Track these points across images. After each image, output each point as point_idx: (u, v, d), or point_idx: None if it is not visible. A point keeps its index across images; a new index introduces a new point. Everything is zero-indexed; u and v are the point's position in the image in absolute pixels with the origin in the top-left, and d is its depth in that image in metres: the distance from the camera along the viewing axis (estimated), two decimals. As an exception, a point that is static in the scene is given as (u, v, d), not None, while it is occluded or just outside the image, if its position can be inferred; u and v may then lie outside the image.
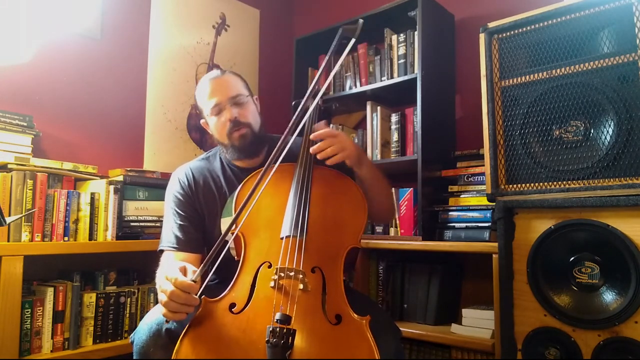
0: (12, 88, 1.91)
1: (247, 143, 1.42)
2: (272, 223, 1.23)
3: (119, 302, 1.85)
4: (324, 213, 1.26)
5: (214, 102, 1.41)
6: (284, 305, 1.05)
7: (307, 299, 1.08)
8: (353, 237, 1.24)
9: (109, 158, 2.17)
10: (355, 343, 1.03)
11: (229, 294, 1.10)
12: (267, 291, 1.09)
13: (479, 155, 1.97)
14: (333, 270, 1.16)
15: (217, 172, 1.49)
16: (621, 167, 1.31)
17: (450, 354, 1.86)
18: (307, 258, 1.15)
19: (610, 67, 1.34)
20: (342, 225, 1.26)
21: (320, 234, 1.21)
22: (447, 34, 2.32)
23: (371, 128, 2.35)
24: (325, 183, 1.32)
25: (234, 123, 1.40)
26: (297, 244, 1.16)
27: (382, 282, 2.13)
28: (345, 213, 1.28)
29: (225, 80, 1.44)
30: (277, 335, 0.98)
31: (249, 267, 1.16)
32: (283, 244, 1.17)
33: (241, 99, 1.43)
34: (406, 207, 2.14)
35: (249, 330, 1.03)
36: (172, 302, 1.01)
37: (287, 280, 1.10)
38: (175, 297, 1.00)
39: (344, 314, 1.08)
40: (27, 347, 1.60)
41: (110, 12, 2.22)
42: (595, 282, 1.33)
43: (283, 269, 1.11)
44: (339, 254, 1.19)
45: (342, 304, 1.10)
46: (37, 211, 1.65)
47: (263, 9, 2.92)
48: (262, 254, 1.18)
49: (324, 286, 1.12)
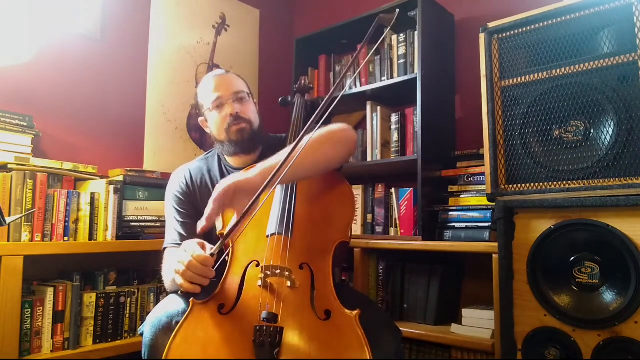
0: (12, 88, 1.91)
1: (245, 138, 1.44)
2: (258, 222, 1.23)
3: (119, 302, 1.85)
4: (311, 209, 1.26)
5: (217, 95, 1.44)
6: (271, 303, 1.05)
7: (295, 296, 1.08)
8: (341, 232, 1.24)
9: (109, 158, 2.17)
10: (345, 337, 1.02)
11: (218, 295, 1.10)
12: (255, 290, 1.09)
13: (479, 155, 1.97)
14: (321, 266, 1.15)
15: (215, 173, 1.51)
16: (621, 167, 1.31)
17: (450, 354, 1.86)
18: (295, 255, 1.14)
19: (610, 67, 1.34)
20: (329, 220, 1.26)
21: (307, 230, 1.21)
22: (447, 34, 2.32)
23: (371, 128, 2.35)
24: (310, 179, 1.32)
25: (234, 117, 1.43)
26: (283, 242, 1.16)
27: (382, 282, 2.13)
28: (332, 208, 1.29)
29: (229, 77, 1.49)
30: (264, 334, 0.98)
31: (237, 267, 1.16)
32: (268, 242, 1.17)
33: (243, 96, 1.47)
34: (406, 207, 2.14)
35: (237, 330, 1.03)
36: (189, 272, 1.03)
37: (274, 278, 1.09)
38: (192, 268, 1.03)
39: (333, 309, 1.07)
40: (27, 347, 1.60)
41: (110, 13, 2.22)
42: (595, 282, 1.33)
43: (269, 266, 1.10)
44: (327, 249, 1.19)
45: (331, 300, 1.09)
46: (37, 211, 1.66)
47: (263, 9, 2.92)
48: (250, 254, 1.18)
49: (312, 282, 1.12)
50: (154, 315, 1.21)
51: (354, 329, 1.03)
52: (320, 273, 1.14)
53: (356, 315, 1.05)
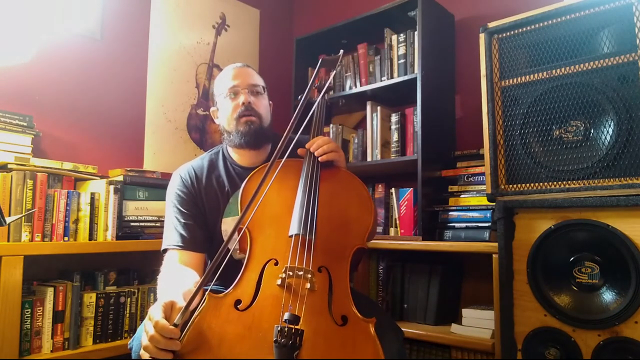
0: (12, 88, 1.91)
1: (252, 131, 1.43)
2: (278, 219, 1.21)
3: (119, 302, 1.85)
4: (332, 212, 1.25)
5: (234, 83, 1.45)
6: (293, 304, 1.04)
7: (314, 299, 1.07)
8: (360, 238, 1.23)
9: (109, 158, 2.17)
10: (361, 345, 1.02)
11: (234, 290, 1.08)
12: (274, 289, 1.07)
13: (479, 155, 1.97)
14: (340, 271, 1.15)
15: (219, 171, 1.48)
16: (621, 167, 1.31)
17: (450, 354, 1.86)
18: (315, 257, 1.13)
19: (610, 67, 1.34)
20: (349, 225, 1.25)
21: (327, 234, 1.20)
22: (447, 34, 2.32)
23: (371, 128, 2.35)
24: (333, 181, 1.32)
25: (246, 107, 1.43)
26: (307, 243, 1.15)
27: (382, 282, 2.13)
28: (352, 213, 1.27)
29: (248, 70, 1.51)
30: (286, 336, 0.97)
31: (255, 264, 1.14)
32: (293, 243, 1.15)
33: (259, 90, 1.48)
34: (406, 207, 2.14)
35: (254, 327, 1.01)
36: (150, 346, 0.95)
37: (295, 279, 1.08)
38: (155, 342, 0.95)
39: (350, 315, 1.07)
40: (27, 347, 1.60)
41: (110, 13, 2.22)
42: (595, 282, 1.33)
43: (292, 267, 1.09)
44: (346, 254, 1.19)
45: (348, 305, 1.09)
46: (37, 211, 1.65)
47: (263, 9, 2.92)
48: (268, 251, 1.16)
49: (330, 286, 1.12)
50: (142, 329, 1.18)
51: (371, 337, 1.03)
52: (338, 277, 1.13)
53: (373, 324, 1.05)
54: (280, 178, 1.27)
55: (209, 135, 2.61)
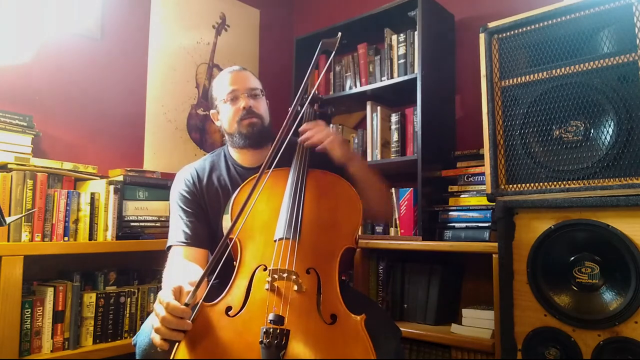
0: (12, 88, 1.91)
1: (255, 132, 1.46)
2: (267, 227, 1.24)
3: (119, 302, 1.85)
4: (318, 214, 1.27)
5: (233, 88, 1.47)
6: (277, 306, 1.05)
7: (302, 300, 1.08)
8: (348, 238, 1.24)
9: (109, 158, 2.17)
10: (351, 342, 1.03)
11: (225, 297, 1.10)
12: (263, 293, 1.09)
13: (479, 155, 1.97)
14: (328, 271, 1.16)
15: (221, 172, 1.52)
16: (621, 167, 1.31)
17: (450, 354, 1.86)
18: (302, 259, 1.15)
19: (610, 67, 1.34)
20: (336, 225, 1.26)
21: (314, 235, 1.22)
22: (447, 34, 2.32)
23: (371, 128, 2.35)
24: (319, 184, 1.34)
25: (247, 111, 1.45)
26: (290, 246, 1.16)
27: (382, 282, 2.13)
28: (339, 214, 1.29)
29: (245, 74, 1.53)
30: (271, 336, 0.98)
31: (245, 271, 1.16)
32: (276, 246, 1.17)
33: (257, 93, 1.51)
34: (406, 207, 2.14)
35: (244, 332, 1.03)
36: (162, 328, 0.97)
37: (281, 282, 1.10)
38: (167, 323, 0.97)
39: (339, 314, 1.08)
40: (27, 347, 1.60)
41: (110, 12, 2.22)
42: (595, 282, 1.33)
43: (276, 270, 1.11)
44: (334, 254, 1.20)
45: (337, 304, 1.10)
46: (37, 211, 1.65)
47: (263, 9, 2.92)
48: (258, 258, 1.18)
49: (319, 287, 1.13)
50: (147, 325, 1.19)
51: (360, 334, 1.04)
52: (327, 278, 1.14)
53: (362, 320, 1.05)
54: (270, 186, 1.31)
55: (209, 135, 2.61)
